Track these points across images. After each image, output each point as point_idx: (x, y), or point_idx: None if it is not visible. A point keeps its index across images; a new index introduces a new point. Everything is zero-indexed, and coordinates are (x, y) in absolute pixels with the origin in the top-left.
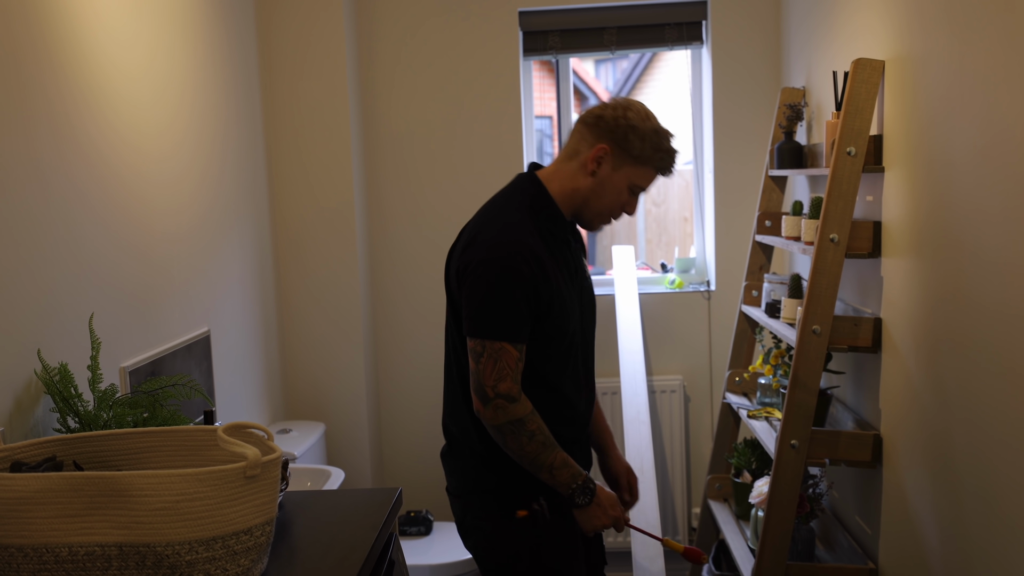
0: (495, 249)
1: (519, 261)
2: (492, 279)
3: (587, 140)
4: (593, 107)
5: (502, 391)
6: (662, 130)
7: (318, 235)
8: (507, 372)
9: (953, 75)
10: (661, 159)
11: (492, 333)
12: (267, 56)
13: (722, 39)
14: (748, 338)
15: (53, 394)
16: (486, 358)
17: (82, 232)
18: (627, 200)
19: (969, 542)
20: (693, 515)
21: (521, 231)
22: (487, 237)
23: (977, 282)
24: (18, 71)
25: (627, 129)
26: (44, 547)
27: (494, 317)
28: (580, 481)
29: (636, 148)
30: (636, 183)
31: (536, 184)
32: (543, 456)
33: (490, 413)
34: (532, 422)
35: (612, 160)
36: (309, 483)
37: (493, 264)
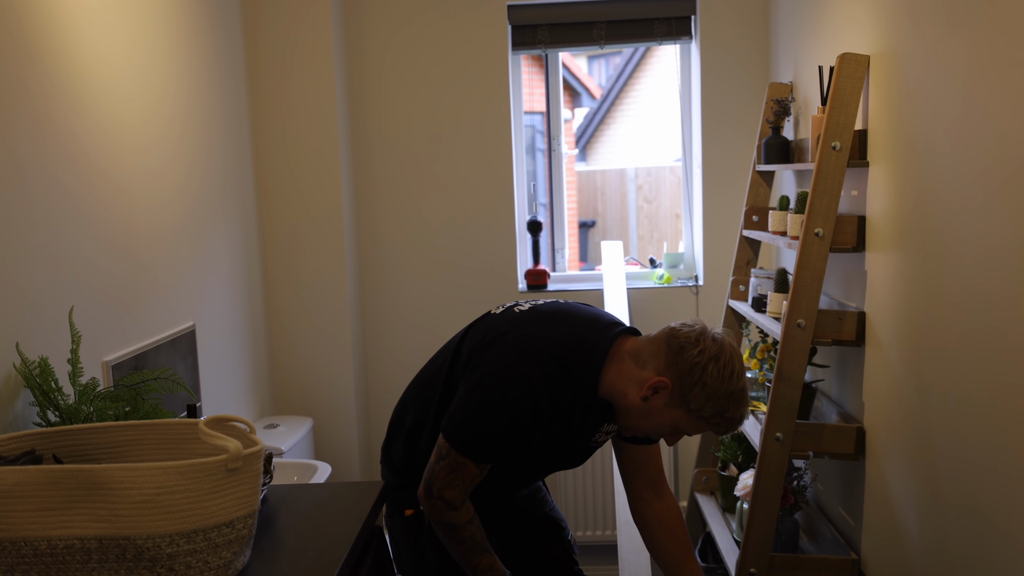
0: (505, 378)
1: (526, 406)
2: (486, 401)
3: (657, 362)
4: (686, 329)
5: (446, 497)
6: (736, 394)
7: (306, 229)
8: (457, 484)
9: (937, 70)
10: (718, 423)
11: (462, 447)
12: (253, 46)
13: (711, 34)
14: (735, 332)
15: (33, 388)
16: (445, 464)
17: (62, 224)
18: (667, 436)
19: (950, 532)
20: (680, 508)
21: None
22: (509, 359)
23: (959, 276)
24: None
25: (699, 383)
26: (23, 540)
27: (471, 435)
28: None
29: (697, 403)
30: (683, 428)
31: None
32: (469, 559)
33: (428, 507)
34: (466, 530)
35: (669, 397)
36: (296, 477)
37: (495, 389)
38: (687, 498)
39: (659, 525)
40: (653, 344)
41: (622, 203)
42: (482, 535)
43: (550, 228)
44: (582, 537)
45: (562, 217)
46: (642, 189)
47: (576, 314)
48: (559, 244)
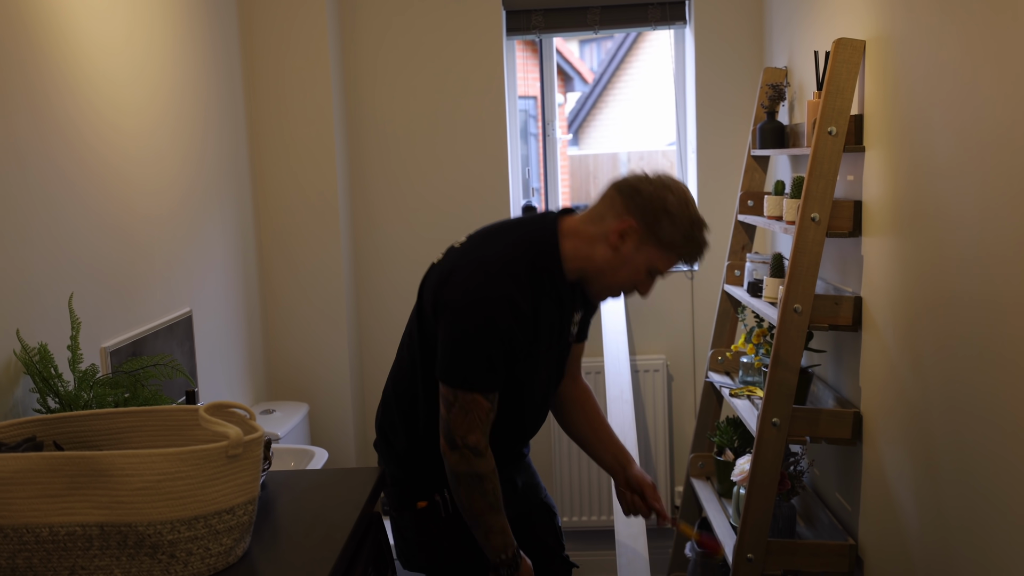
0: (479, 300)
1: (504, 318)
2: (473, 331)
3: (616, 210)
4: (631, 176)
5: (471, 443)
6: (697, 220)
7: (301, 216)
8: (477, 424)
9: (934, 55)
10: (690, 249)
11: (466, 384)
12: (248, 31)
13: (705, 19)
14: (731, 317)
15: (33, 374)
16: (458, 408)
17: (61, 211)
18: (644, 281)
19: (947, 517)
20: (676, 493)
21: (515, 289)
22: (474, 283)
23: (955, 261)
24: None
25: (662, 212)
26: (24, 527)
27: (469, 368)
28: (510, 553)
29: (667, 233)
30: (656, 266)
31: (551, 239)
32: (487, 516)
33: (455, 459)
34: (490, 481)
35: (637, 238)
36: (293, 463)
37: (476, 315)
38: (683, 483)
39: (573, 403)
40: (603, 202)
41: None
42: (500, 492)
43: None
44: (578, 522)
45: (556, 202)
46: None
47: (511, 223)
48: None
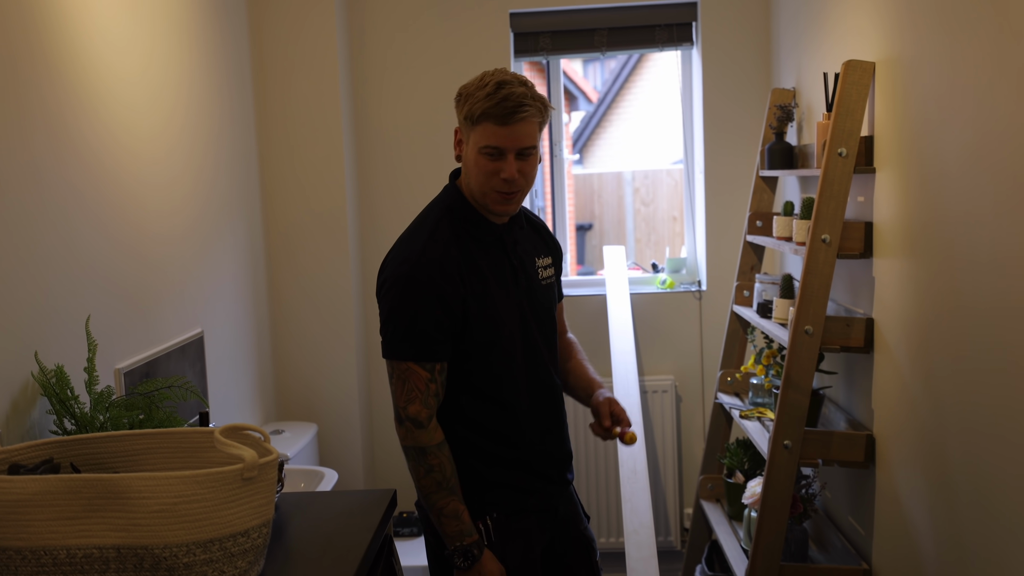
0: (398, 266)
1: (422, 276)
2: (395, 297)
3: (459, 120)
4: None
5: (411, 414)
6: (490, 82)
7: (310, 236)
8: (416, 394)
9: (944, 76)
10: (486, 108)
11: (398, 354)
12: (259, 58)
13: (712, 40)
14: (740, 338)
15: (50, 396)
16: (396, 380)
17: (78, 234)
18: (490, 167)
19: (963, 542)
20: (685, 515)
21: (429, 243)
22: (393, 255)
23: (969, 282)
24: (15, 75)
25: (458, 100)
26: (42, 549)
27: (399, 337)
28: (464, 542)
29: (466, 110)
30: (481, 144)
31: (452, 188)
32: (435, 497)
33: (401, 433)
34: (434, 456)
35: (463, 136)
36: (303, 484)
37: (396, 282)
38: (692, 504)
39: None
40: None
41: (619, 206)
42: (452, 472)
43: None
44: None
45: (563, 221)
46: (639, 192)
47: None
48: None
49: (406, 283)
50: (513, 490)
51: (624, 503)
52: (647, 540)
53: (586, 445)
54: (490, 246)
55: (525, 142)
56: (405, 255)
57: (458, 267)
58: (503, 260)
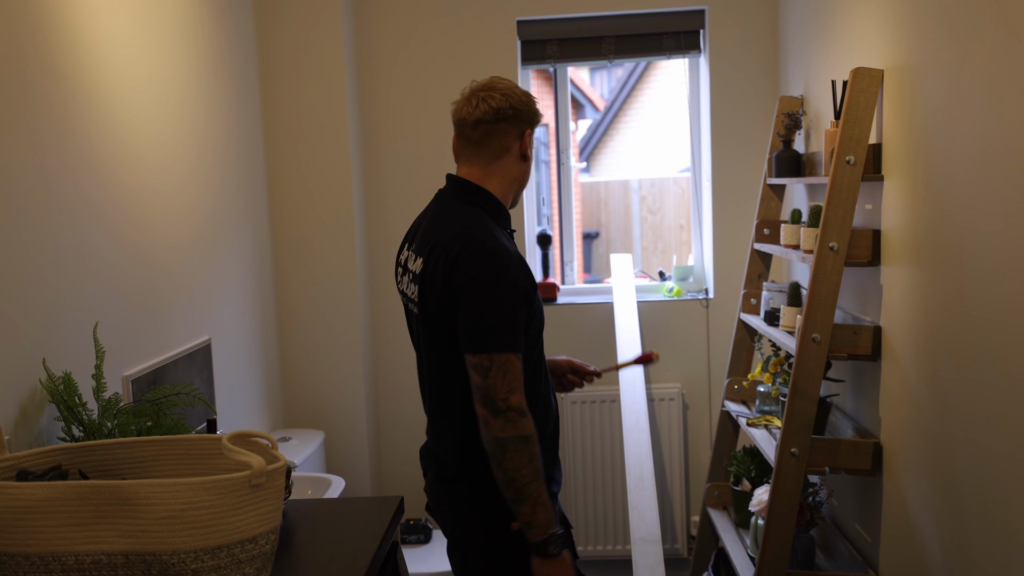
0: (493, 259)
1: (514, 272)
2: (497, 289)
3: (512, 133)
4: (493, 104)
5: (513, 404)
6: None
7: (318, 243)
8: (516, 384)
9: (952, 84)
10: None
11: (502, 345)
12: (267, 66)
13: (720, 48)
14: (747, 346)
15: (58, 403)
16: (495, 371)
17: (87, 242)
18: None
19: (970, 550)
20: (692, 523)
21: (503, 242)
22: (478, 250)
23: (978, 290)
24: (23, 84)
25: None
26: (51, 556)
27: (502, 330)
28: (555, 529)
29: (536, 117)
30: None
31: (481, 191)
32: (533, 486)
33: (499, 425)
34: (535, 444)
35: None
36: (310, 491)
37: (496, 275)
38: (699, 512)
39: None
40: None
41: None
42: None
43: (559, 241)
44: (594, 552)
45: (571, 230)
46: (646, 200)
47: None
48: (568, 257)
49: (502, 279)
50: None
51: (631, 510)
52: (654, 548)
53: (593, 453)
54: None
55: None
56: (491, 252)
57: (527, 267)
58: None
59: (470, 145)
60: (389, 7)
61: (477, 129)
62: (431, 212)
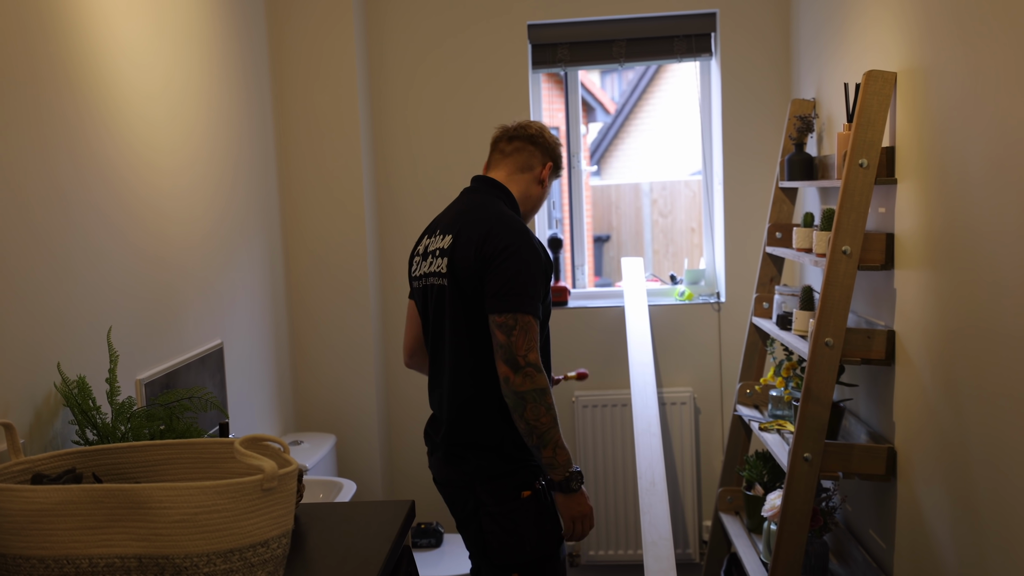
0: (521, 235)
1: (540, 247)
2: (529, 260)
3: (538, 158)
4: (527, 129)
5: (532, 360)
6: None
7: (329, 247)
8: (535, 343)
9: (966, 86)
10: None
11: (525, 307)
12: (279, 72)
13: (731, 51)
14: (759, 350)
15: (72, 407)
16: (518, 330)
17: (100, 247)
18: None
19: (986, 556)
20: (704, 528)
21: (530, 231)
22: (508, 226)
23: (993, 294)
24: (37, 91)
25: (554, 147)
26: (65, 559)
27: (527, 293)
28: (575, 467)
29: (560, 163)
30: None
31: (505, 189)
32: (552, 431)
33: (519, 380)
34: (550, 396)
35: (546, 175)
36: (321, 495)
37: (524, 248)
38: (711, 517)
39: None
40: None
41: (637, 217)
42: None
43: (569, 244)
44: (606, 556)
45: (581, 233)
46: (657, 203)
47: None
48: (579, 260)
49: (531, 250)
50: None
51: (642, 515)
52: (665, 552)
53: (604, 457)
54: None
55: None
56: (520, 228)
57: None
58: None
59: (502, 156)
60: (400, 12)
61: (511, 143)
62: (459, 203)
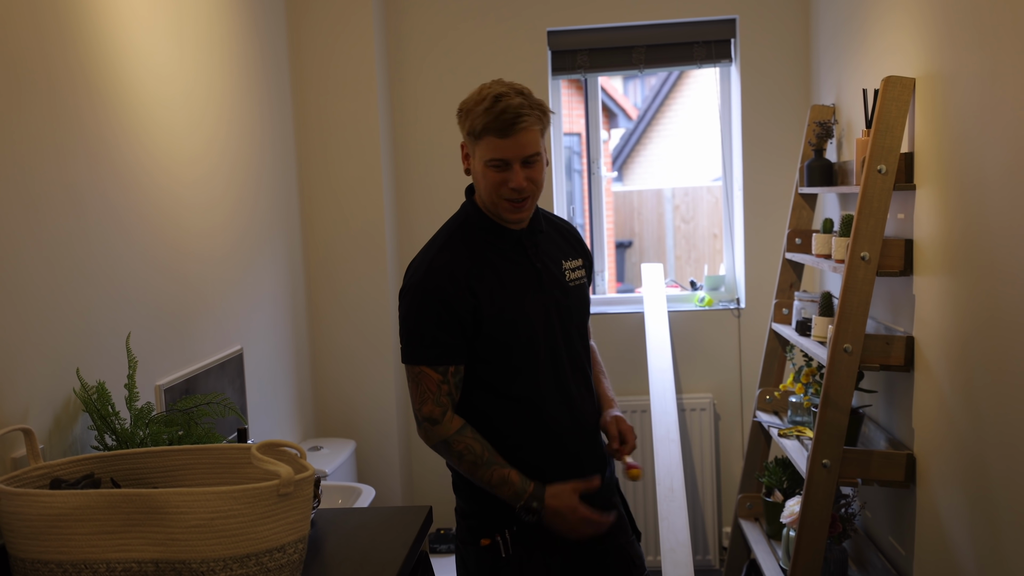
0: (410, 276)
1: (430, 283)
2: (406, 305)
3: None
4: None
5: (424, 414)
6: (487, 96)
7: (349, 253)
8: (428, 396)
9: (984, 92)
10: (486, 123)
11: (410, 358)
12: (299, 79)
13: (751, 57)
14: (778, 356)
15: (91, 412)
16: (411, 383)
17: (119, 254)
18: (497, 178)
19: (1005, 562)
20: (724, 534)
21: (438, 253)
22: (411, 264)
23: (1010, 300)
24: (55, 100)
25: (459, 116)
26: (83, 563)
27: (410, 343)
28: (523, 501)
29: (468, 126)
30: (486, 158)
31: (469, 204)
32: (478, 475)
33: (421, 434)
34: (458, 443)
35: (469, 150)
36: (340, 500)
37: (408, 291)
38: (731, 523)
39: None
40: None
41: (659, 223)
42: (483, 447)
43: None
44: None
45: (601, 239)
46: (679, 209)
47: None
48: (599, 266)
49: (415, 291)
50: None
51: (661, 521)
52: (684, 559)
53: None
54: (510, 251)
55: (528, 150)
56: (416, 265)
57: (468, 273)
58: (525, 264)
59: None
60: (419, 18)
61: None
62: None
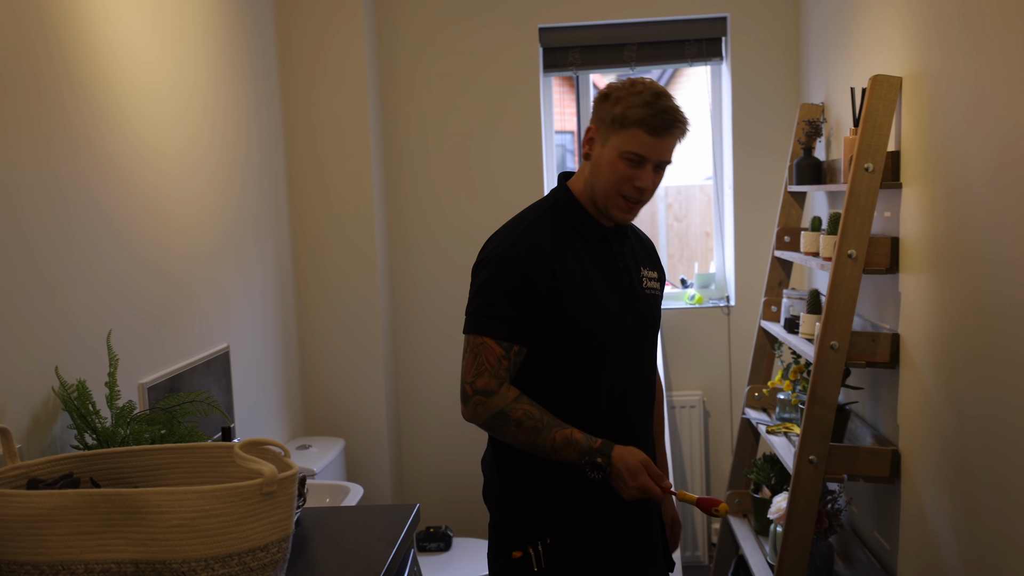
0: (493, 248)
1: (513, 256)
2: (485, 276)
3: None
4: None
5: (479, 387)
6: (646, 91)
7: (338, 250)
8: (485, 368)
9: (970, 91)
10: (642, 116)
11: (475, 327)
12: (287, 71)
13: (742, 55)
14: (767, 353)
15: (71, 411)
16: (468, 353)
17: (101, 249)
18: (626, 173)
19: (988, 556)
20: (713, 530)
21: (529, 228)
22: (491, 239)
23: (995, 298)
24: (37, 90)
25: (603, 99)
26: (60, 564)
27: (478, 311)
28: (587, 458)
29: (613, 112)
30: (626, 149)
31: (562, 188)
32: (540, 440)
33: (471, 412)
34: (515, 410)
35: (600, 136)
36: (328, 499)
37: (488, 263)
38: (720, 520)
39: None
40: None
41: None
42: (541, 412)
43: None
44: None
45: None
46: (672, 207)
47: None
48: None
49: (497, 263)
50: (574, 514)
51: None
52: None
53: None
54: (595, 244)
55: (667, 155)
56: (500, 239)
57: (552, 253)
58: (608, 260)
59: None
60: (411, 14)
61: None
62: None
